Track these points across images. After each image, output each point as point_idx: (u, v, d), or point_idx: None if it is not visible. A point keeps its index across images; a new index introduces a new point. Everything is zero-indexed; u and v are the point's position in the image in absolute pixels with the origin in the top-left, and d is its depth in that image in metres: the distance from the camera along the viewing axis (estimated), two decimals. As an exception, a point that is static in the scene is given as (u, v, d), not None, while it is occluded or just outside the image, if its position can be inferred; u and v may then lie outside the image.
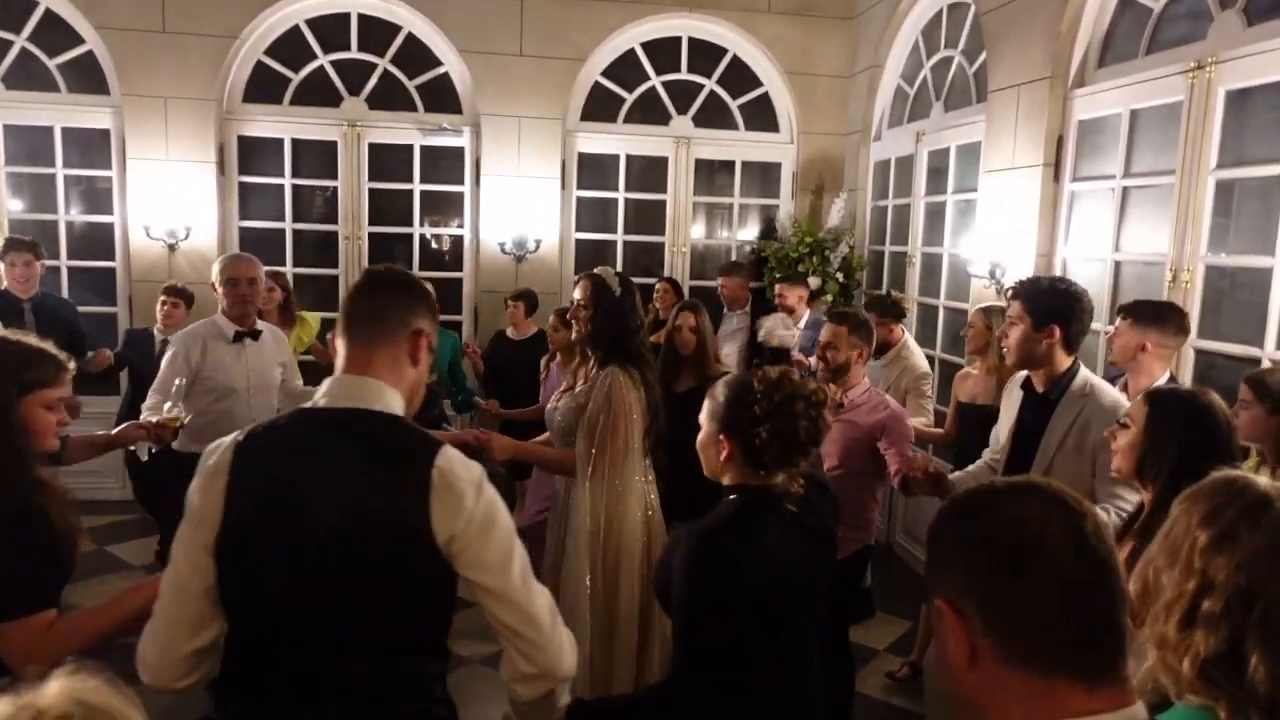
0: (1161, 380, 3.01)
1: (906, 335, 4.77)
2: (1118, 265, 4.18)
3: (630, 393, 3.02)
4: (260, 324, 3.93)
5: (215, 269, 3.82)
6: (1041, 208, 4.51)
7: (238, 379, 3.73)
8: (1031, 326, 2.76)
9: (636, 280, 3.27)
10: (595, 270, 3.23)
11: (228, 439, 1.61)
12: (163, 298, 5.08)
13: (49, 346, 1.95)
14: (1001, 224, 4.74)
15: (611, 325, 3.09)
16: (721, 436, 1.93)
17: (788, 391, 1.90)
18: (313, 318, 5.55)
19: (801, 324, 5.14)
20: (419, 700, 1.59)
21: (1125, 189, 4.12)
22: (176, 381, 3.40)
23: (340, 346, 1.66)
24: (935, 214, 5.73)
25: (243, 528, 1.51)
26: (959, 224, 5.41)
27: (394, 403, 1.62)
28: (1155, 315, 3.15)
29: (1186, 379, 3.59)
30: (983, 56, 5.12)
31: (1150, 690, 1.15)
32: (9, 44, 6.11)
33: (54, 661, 1.70)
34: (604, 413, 2.99)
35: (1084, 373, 2.83)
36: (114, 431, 3.13)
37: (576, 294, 3.17)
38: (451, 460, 1.56)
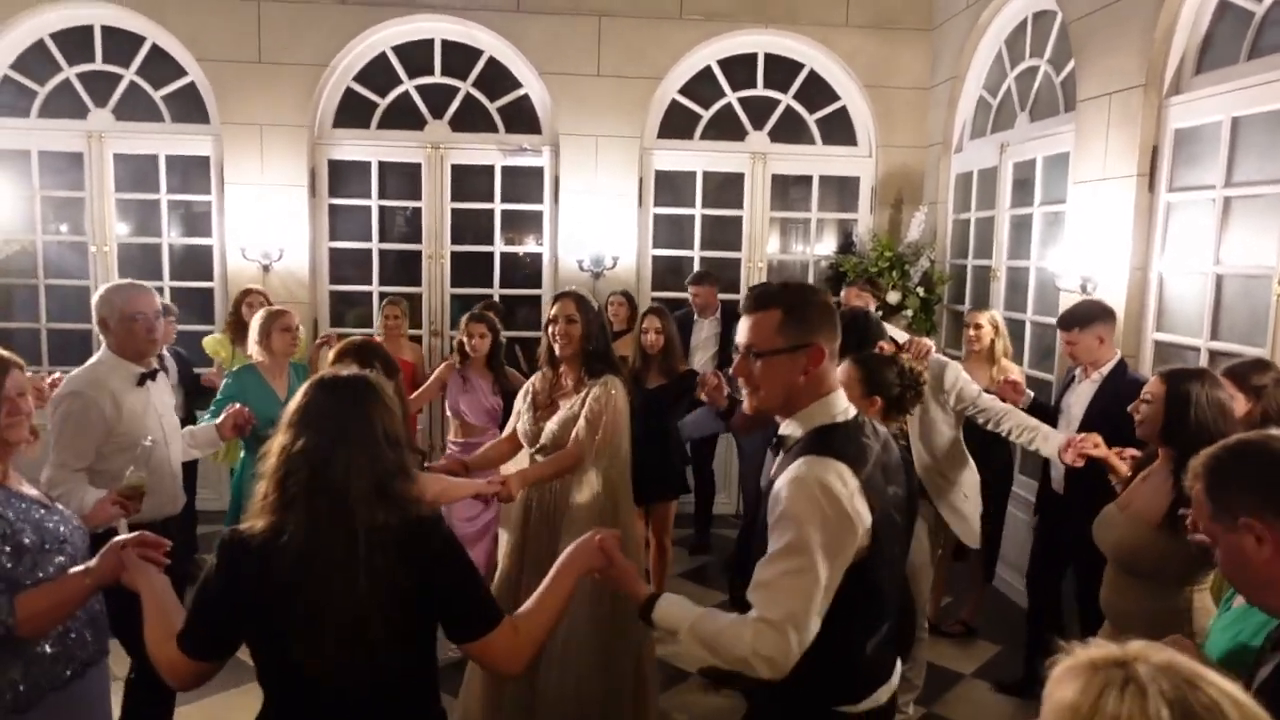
0: (1115, 359, 3.87)
1: None
2: (1219, 278, 4.02)
3: (624, 401, 3.32)
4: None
5: (106, 301, 3.11)
6: (1136, 219, 4.37)
7: (153, 428, 3.11)
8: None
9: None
10: (571, 288, 3.46)
11: (823, 462, 1.78)
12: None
13: None
14: (1092, 236, 4.61)
15: (602, 338, 3.33)
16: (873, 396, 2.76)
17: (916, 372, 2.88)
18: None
19: None
20: None
21: (1227, 199, 3.97)
22: (146, 441, 2.82)
23: (835, 370, 1.98)
24: (1021, 227, 5.60)
25: (879, 536, 1.81)
26: (1047, 236, 5.28)
27: None
28: (1101, 312, 3.91)
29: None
30: (1070, 65, 5.00)
31: None
32: (119, 78, 6.47)
33: (534, 657, 1.87)
34: (609, 416, 3.25)
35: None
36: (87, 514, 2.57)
37: (555, 310, 3.32)
38: None
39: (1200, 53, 4.22)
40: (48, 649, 2.04)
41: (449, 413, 4.87)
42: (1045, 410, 4.11)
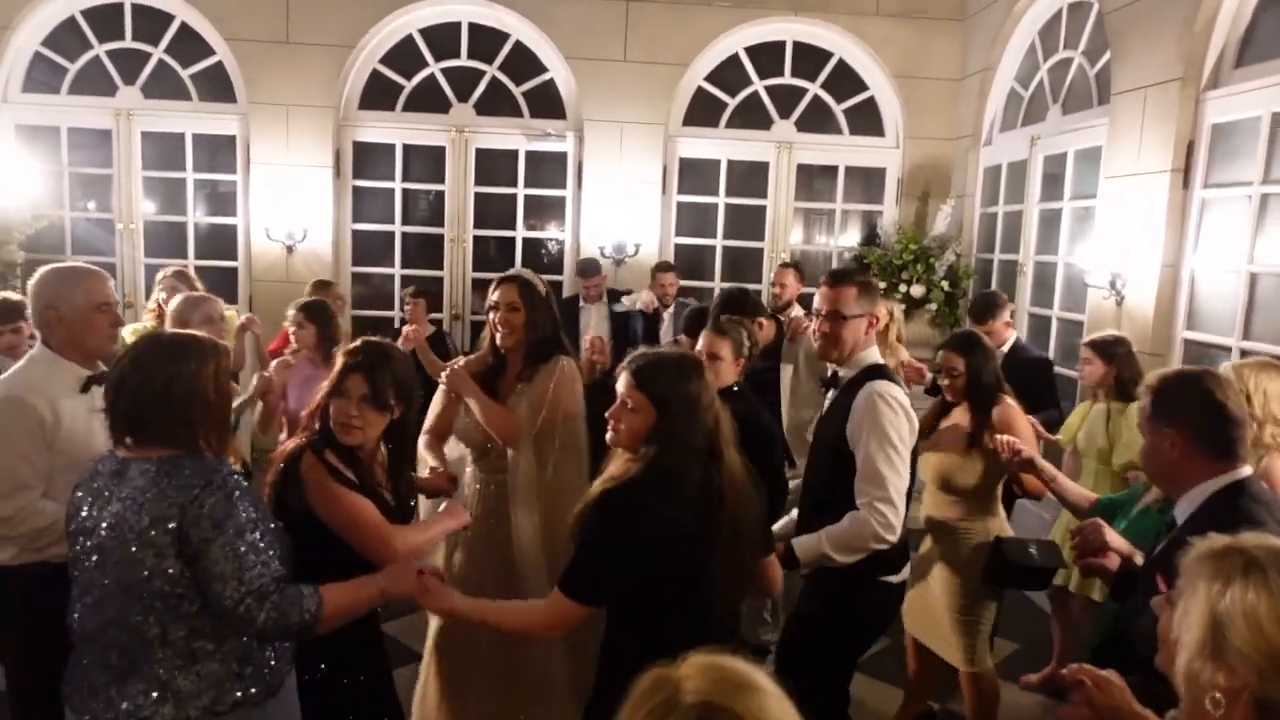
0: (1013, 338, 4.60)
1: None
2: (1253, 277, 3.94)
3: (577, 381, 3.03)
4: None
5: (57, 290, 2.57)
6: (1169, 215, 4.29)
7: (98, 445, 2.32)
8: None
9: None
10: (515, 271, 3.09)
11: (885, 384, 2.51)
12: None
13: None
14: (1123, 232, 4.53)
15: (550, 323, 3.01)
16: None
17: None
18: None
19: (669, 312, 5.77)
20: None
21: (1264, 196, 3.88)
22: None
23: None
24: (1050, 221, 5.52)
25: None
26: (1076, 232, 5.20)
27: None
28: (1005, 299, 4.62)
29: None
30: (1106, 57, 4.91)
31: None
32: (148, 56, 6.51)
33: None
34: (553, 396, 2.91)
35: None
36: None
37: (496, 296, 2.97)
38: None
39: (1241, 46, 4.12)
40: (271, 658, 1.94)
41: (285, 416, 3.95)
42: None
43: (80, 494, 1.90)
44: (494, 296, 2.98)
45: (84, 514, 1.85)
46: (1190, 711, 1.25)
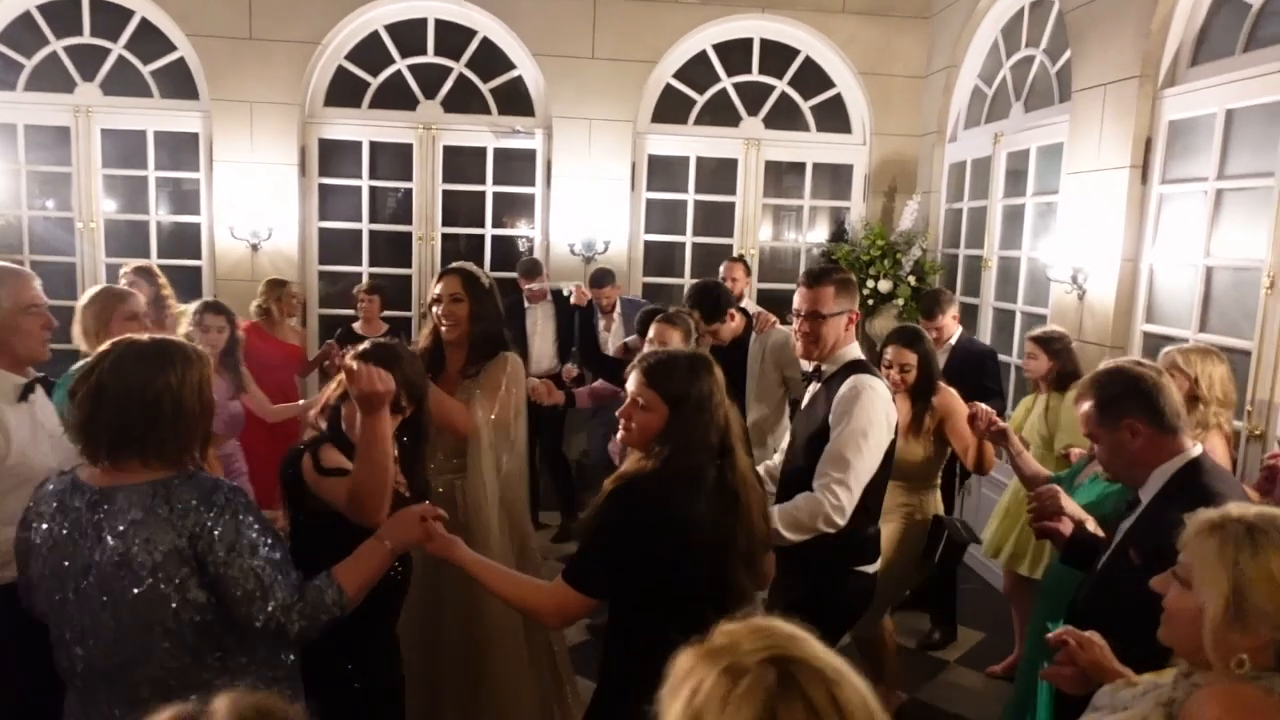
0: (959, 331, 4.72)
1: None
2: (1209, 271, 4.03)
3: (524, 379, 3.05)
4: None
5: None
6: (1128, 211, 4.37)
7: (45, 456, 2.28)
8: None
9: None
10: (457, 264, 3.04)
11: (870, 378, 2.59)
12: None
13: None
14: (1084, 227, 4.61)
15: (496, 316, 2.98)
16: None
17: None
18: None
19: (616, 311, 5.83)
20: None
21: (1219, 191, 3.97)
22: None
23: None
24: (1013, 217, 5.60)
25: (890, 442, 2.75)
26: (1039, 227, 5.28)
27: None
28: (951, 296, 4.83)
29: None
30: (1066, 55, 4.99)
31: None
32: (107, 52, 6.39)
33: None
34: (504, 391, 2.91)
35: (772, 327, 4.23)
36: None
37: (439, 289, 2.95)
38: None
39: (1196, 44, 4.21)
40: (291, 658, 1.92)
41: None
42: None
43: (46, 527, 1.75)
44: (436, 290, 2.96)
45: (70, 551, 1.71)
46: (1219, 675, 1.35)
